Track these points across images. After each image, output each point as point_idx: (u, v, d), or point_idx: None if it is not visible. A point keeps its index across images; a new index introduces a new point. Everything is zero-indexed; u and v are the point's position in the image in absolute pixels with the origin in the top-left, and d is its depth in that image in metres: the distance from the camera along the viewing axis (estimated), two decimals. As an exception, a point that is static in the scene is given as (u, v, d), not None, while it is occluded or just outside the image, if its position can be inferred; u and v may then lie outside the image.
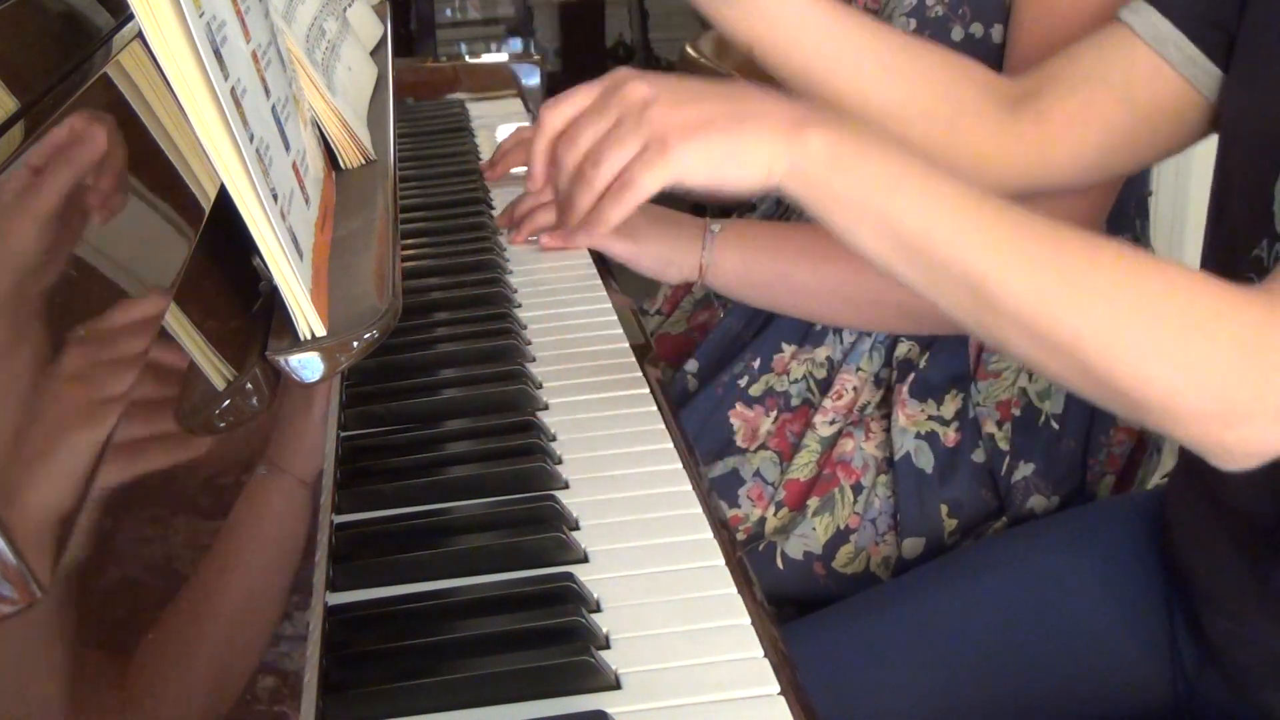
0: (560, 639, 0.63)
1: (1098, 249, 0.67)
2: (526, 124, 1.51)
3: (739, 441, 1.14)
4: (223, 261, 0.65)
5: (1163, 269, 0.67)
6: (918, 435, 1.08)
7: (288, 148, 0.70)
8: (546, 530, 0.71)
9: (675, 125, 0.70)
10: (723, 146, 0.69)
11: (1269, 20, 0.80)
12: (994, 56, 1.05)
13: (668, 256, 1.08)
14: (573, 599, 0.66)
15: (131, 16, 0.59)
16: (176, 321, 0.57)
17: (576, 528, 0.73)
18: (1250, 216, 0.78)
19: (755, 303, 1.13)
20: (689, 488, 0.77)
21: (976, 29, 1.06)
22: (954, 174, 0.70)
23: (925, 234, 0.67)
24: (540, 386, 0.88)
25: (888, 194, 0.68)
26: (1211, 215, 0.84)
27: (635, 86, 0.72)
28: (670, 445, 0.81)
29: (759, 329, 1.20)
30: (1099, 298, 0.65)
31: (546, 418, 0.84)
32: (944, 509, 1.08)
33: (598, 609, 0.66)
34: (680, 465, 0.79)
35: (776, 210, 1.27)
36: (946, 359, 1.11)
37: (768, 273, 1.08)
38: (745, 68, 1.89)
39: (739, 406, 1.15)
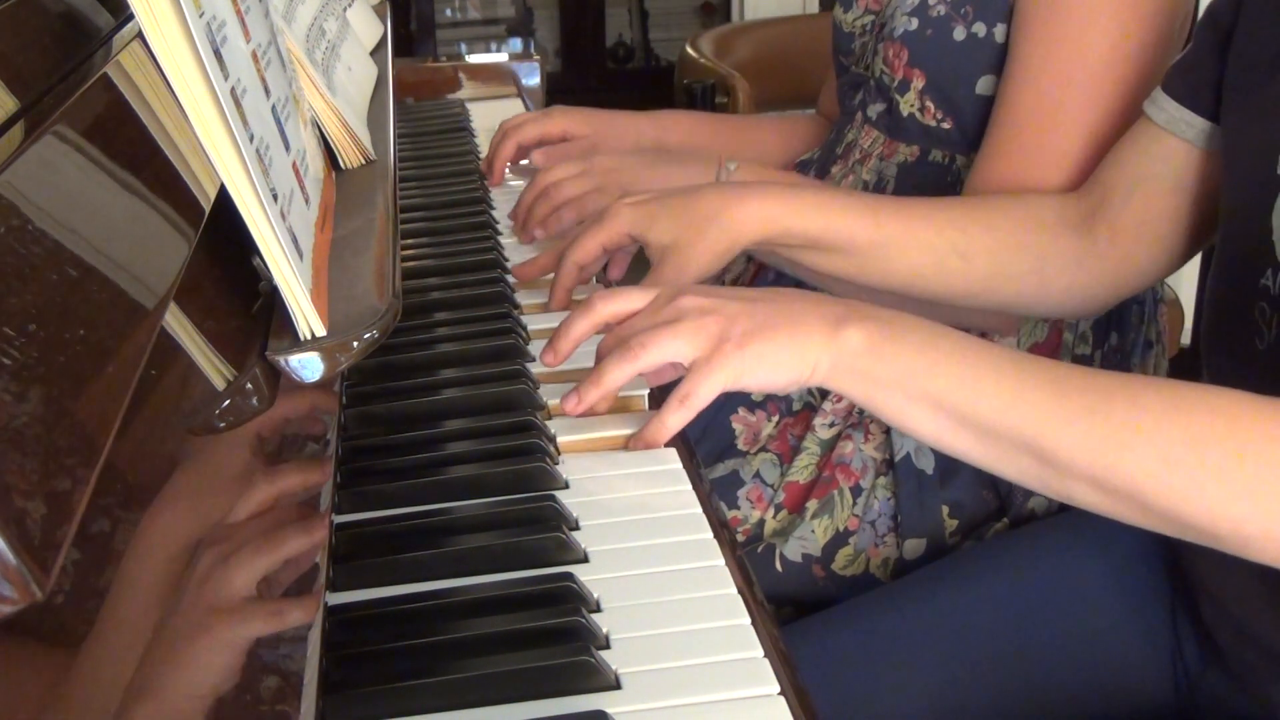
0: (560, 639, 0.63)
1: (1140, 391, 0.69)
2: (518, 110, 1.51)
3: (740, 445, 1.14)
4: (223, 261, 0.65)
5: (1207, 399, 0.68)
6: (918, 435, 1.08)
7: (288, 148, 0.70)
8: (546, 530, 0.71)
9: (733, 334, 0.74)
10: (774, 352, 0.73)
11: (1247, 60, 0.83)
12: (996, 56, 1.05)
13: None
14: (573, 599, 0.66)
15: (131, 16, 0.59)
16: (176, 321, 0.57)
17: (576, 528, 0.73)
18: (1252, 247, 0.80)
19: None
20: (689, 487, 0.77)
21: (979, 28, 1.06)
22: (986, 342, 0.74)
23: (972, 406, 0.71)
24: (540, 386, 0.88)
25: (931, 375, 0.72)
26: (1220, 241, 0.86)
27: (691, 299, 0.77)
28: (670, 445, 0.81)
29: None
30: (1146, 440, 0.67)
31: (546, 417, 0.84)
32: (945, 510, 1.08)
33: (598, 609, 0.66)
34: (680, 465, 0.79)
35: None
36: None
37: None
38: (745, 68, 1.89)
39: (741, 411, 1.15)
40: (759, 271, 1.25)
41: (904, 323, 0.74)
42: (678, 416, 0.76)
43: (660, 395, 0.85)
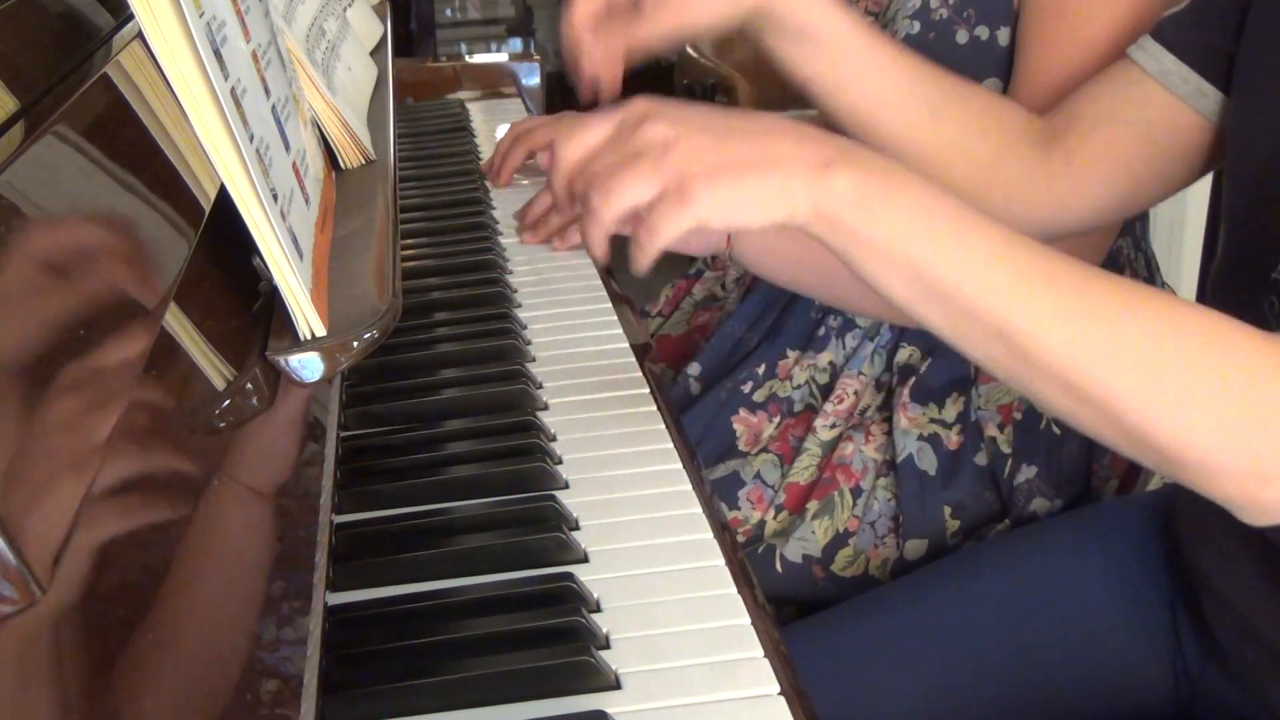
0: (560, 639, 0.63)
1: (1136, 302, 0.65)
2: (523, 116, 1.51)
3: (741, 445, 1.14)
4: (223, 261, 0.65)
5: (1201, 323, 0.65)
6: (920, 437, 1.08)
7: (288, 148, 0.70)
8: (546, 530, 0.71)
9: (696, 170, 0.67)
10: (746, 191, 0.67)
11: (1267, 39, 0.81)
12: (1000, 59, 1.05)
13: None
14: (573, 599, 0.66)
15: (131, 16, 0.59)
16: (176, 321, 0.57)
17: (576, 528, 0.73)
18: (1263, 239, 0.78)
19: (778, 279, 1.11)
20: (689, 488, 0.77)
21: (982, 31, 1.06)
22: (987, 216, 0.67)
23: (955, 283, 0.65)
24: (540, 386, 0.88)
25: (917, 240, 0.66)
26: (1225, 234, 0.84)
27: (655, 125, 0.70)
28: (670, 445, 0.81)
29: (763, 334, 1.20)
30: (1136, 354, 0.64)
31: (546, 418, 0.84)
32: (947, 510, 1.08)
33: (598, 609, 0.66)
34: (680, 465, 0.79)
35: None
36: (947, 363, 1.11)
37: (796, 248, 1.08)
38: (745, 68, 1.89)
39: (742, 412, 1.15)
40: (755, 282, 1.25)
41: (899, 177, 0.68)
42: (642, 258, 0.68)
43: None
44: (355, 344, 0.66)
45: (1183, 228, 2.24)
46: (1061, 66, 0.99)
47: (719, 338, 1.22)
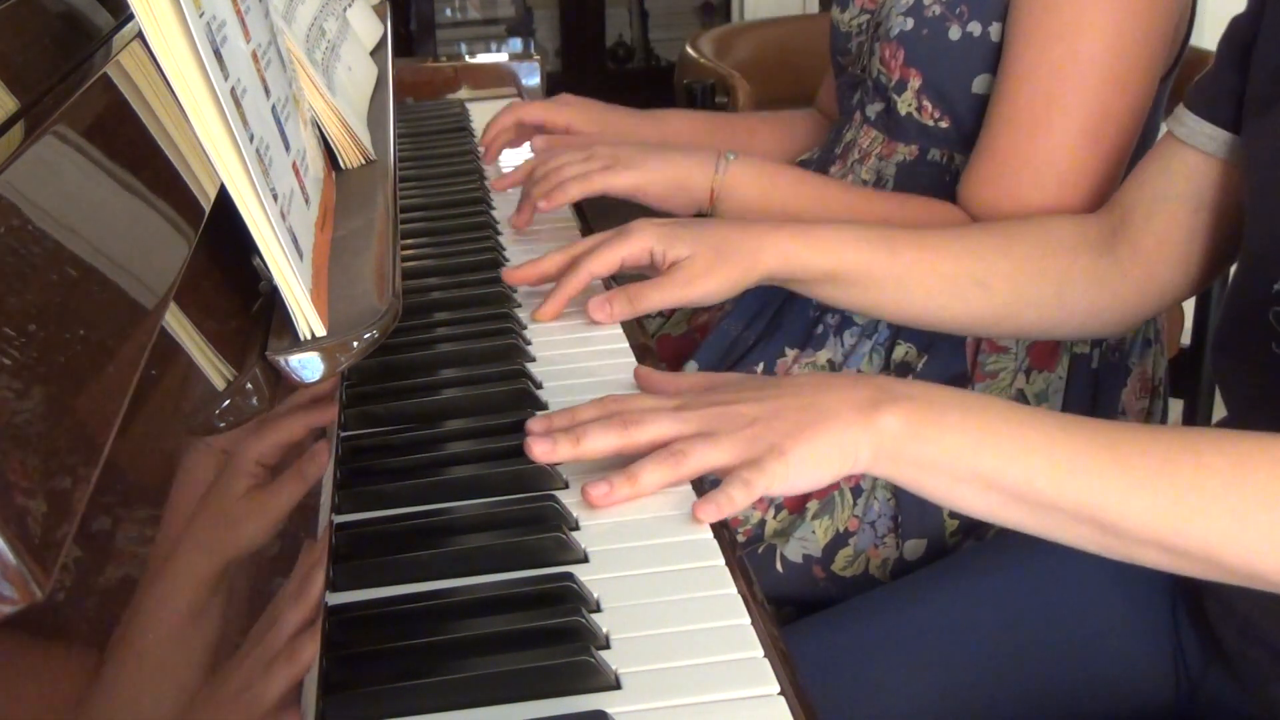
0: (560, 639, 0.63)
1: (1201, 449, 0.67)
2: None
3: (739, 443, 1.14)
4: (223, 261, 0.65)
5: (1270, 452, 0.66)
6: (918, 436, 1.08)
7: (288, 148, 0.70)
8: (546, 530, 0.71)
9: (777, 441, 0.71)
10: (815, 453, 0.70)
11: (1268, 70, 0.82)
12: (992, 55, 1.05)
13: (677, 180, 1.08)
14: (573, 599, 0.66)
15: (131, 16, 0.59)
16: (176, 321, 0.57)
17: (576, 528, 0.73)
18: (1268, 252, 0.80)
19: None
20: (689, 488, 0.77)
21: (974, 27, 1.06)
22: (1036, 409, 0.71)
23: (1027, 483, 0.68)
24: (540, 386, 0.88)
25: (977, 453, 0.69)
26: (1243, 248, 0.86)
27: (724, 406, 0.74)
28: (670, 445, 0.81)
29: (761, 332, 1.20)
30: (1216, 502, 0.65)
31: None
32: (946, 510, 1.07)
33: (598, 609, 0.66)
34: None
35: None
36: (944, 361, 1.11)
37: (785, 206, 1.08)
38: (745, 68, 1.89)
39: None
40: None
41: (941, 398, 0.71)
42: (742, 494, 0.71)
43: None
44: (355, 344, 0.66)
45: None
46: (1039, 106, 1.01)
47: (716, 336, 1.22)
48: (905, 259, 0.95)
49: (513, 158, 1.36)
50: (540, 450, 0.74)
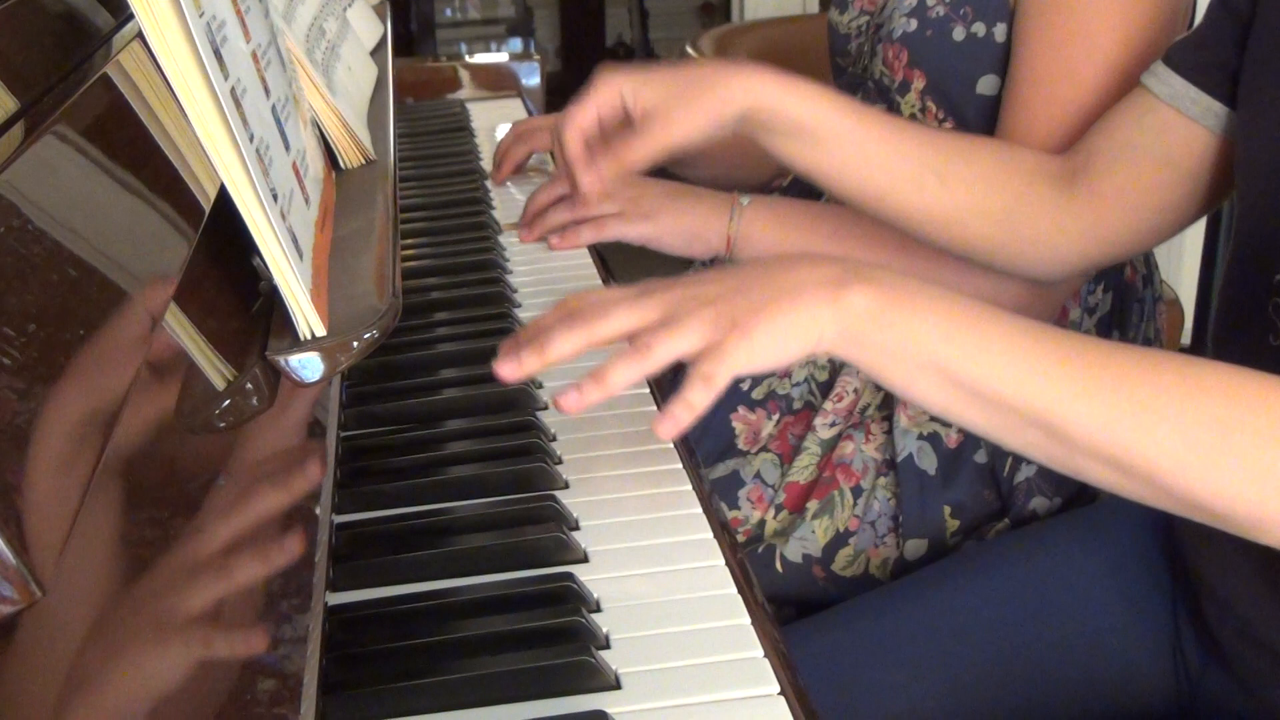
0: (560, 639, 0.63)
1: (1159, 369, 0.67)
2: (523, 116, 1.51)
3: (740, 444, 1.14)
4: (223, 261, 0.65)
5: (1225, 381, 0.66)
6: (920, 436, 1.08)
7: (288, 148, 0.70)
8: (546, 530, 0.71)
9: (740, 317, 0.69)
10: (779, 329, 0.69)
11: (1269, 51, 0.82)
12: (997, 56, 1.05)
13: (693, 230, 1.08)
14: (573, 599, 0.66)
15: (131, 16, 0.59)
16: (176, 321, 0.57)
17: (576, 528, 0.73)
18: (1267, 242, 0.79)
19: None
20: (689, 488, 0.77)
21: (979, 28, 1.06)
22: (1001, 310, 0.70)
23: (984, 379, 0.68)
24: (540, 387, 0.88)
25: (939, 343, 0.68)
26: (1234, 238, 0.85)
27: (685, 292, 0.72)
28: (670, 445, 0.81)
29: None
30: (1167, 421, 0.65)
31: (546, 418, 0.84)
32: (946, 510, 1.07)
33: (598, 609, 0.66)
34: (680, 465, 0.79)
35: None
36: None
37: (806, 246, 1.08)
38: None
39: (741, 410, 1.14)
40: None
41: (910, 285, 0.70)
42: (701, 394, 0.69)
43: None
44: (355, 344, 0.66)
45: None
46: (1055, 107, 1.00)
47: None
48: (874, 130, 0.94)
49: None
50: (507, 370, 0.72)
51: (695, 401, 0.69)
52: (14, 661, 0.37)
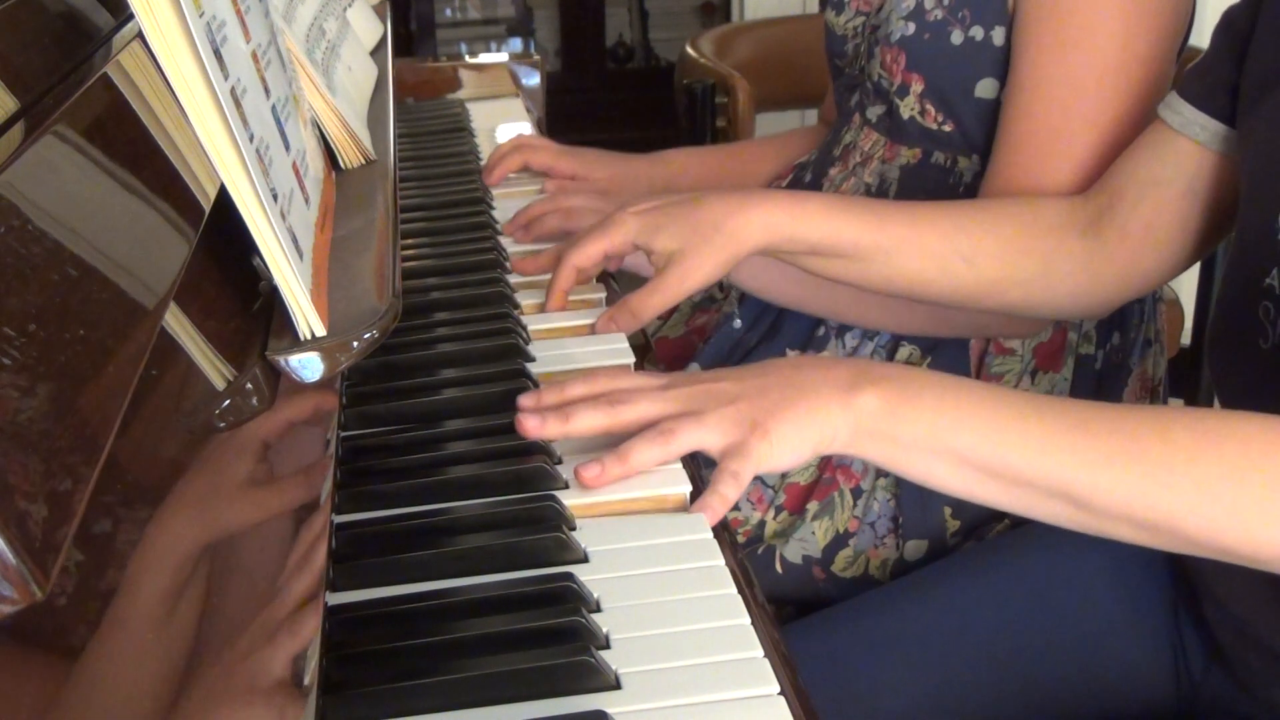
0: (560, 639, 0.63)
1: (1169, 426, 0.69)
2: (526, 128, 1.51)
3: (740, 443, 1.14)
4: (223, 261, 0.65)
5: (1234, 429, 0.68)
6: (918, 436, 1.08)
7: (288, 148, 0.70)
8: (546, 530, 0.71)
9: (762, 412, 0.73)
10: (796, 430, 0.72)
11: (1264, 63, 0.83)
12: (995, 59, 1.05)
13: None
14: (573, 599, 0.66)
15: (131, 16, 0.59)
16: (176, 321, 0.57)
17: (576, 528, 0.73)
18: (1258, 246, 0.80)
19: (784, 300, 1.13)
20: (689, 488, 0.77)
21: (976, 32, 1.06)
22: (1008, 389, 0.74)
23: (1000, 460, 0.70)
24: (540, 386, 0.88)
25: (952, 431, 0.71)
26: (1234, 244, 0.86)
27: (707, 387, 0.76)
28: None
29: (763, 334, 1.20)
30: (1183, 476, 0.67)
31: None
32: (947, 511, 1.07)
33: (598, 609, 0.66)
34: (680, 465, 0.79)
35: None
36: (948, 362, 1.11)
37: (802, 272, 1.08)
38: (745, 67, 1.89)
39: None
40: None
41: (918, 379, 0.74)
42: (732, 489, 0.73)
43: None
44: (355, 344, 0.66)
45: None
46: (1055, 114, 1.00)
47: (718, 338, 1.22)
48: (893, 233, 0.95)
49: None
50: (531, 425, 0.76)
51: (728, 495, 0.73)
52: (14, 661, 0.37)
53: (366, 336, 0.66)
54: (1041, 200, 0.99)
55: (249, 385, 0.61)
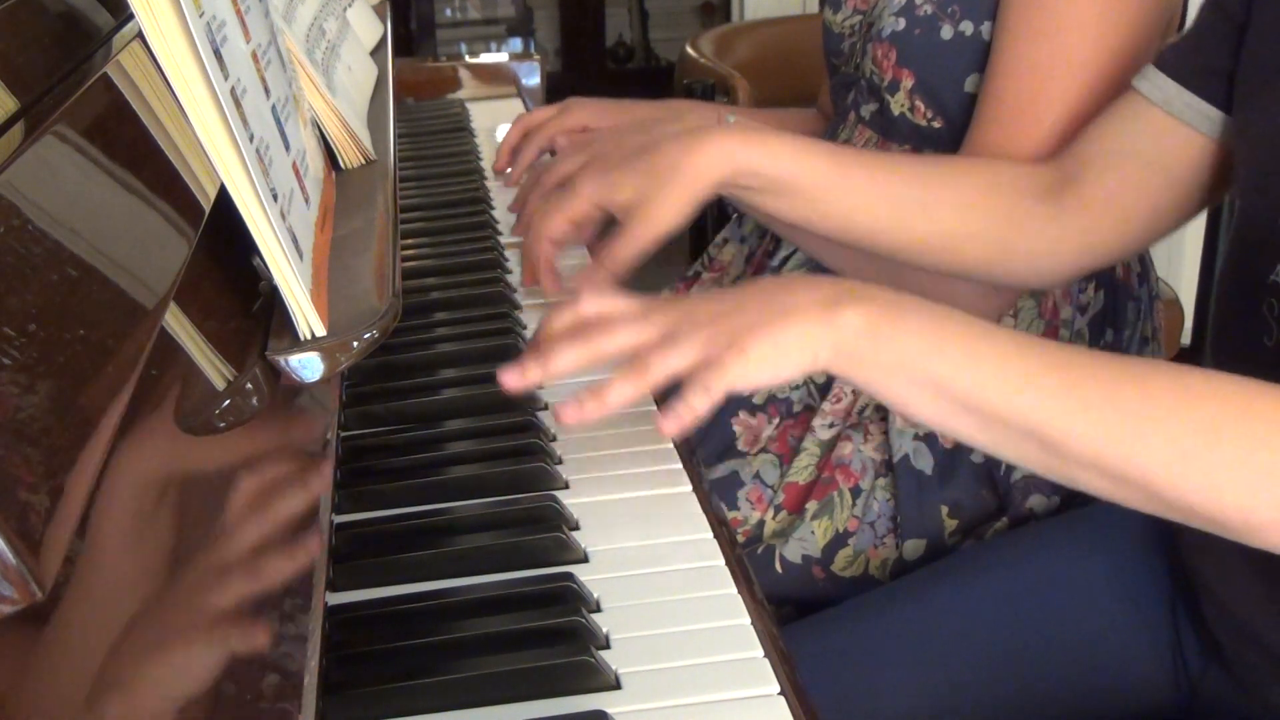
0: (560, 639, 0.63)
1: (1150, 378, 0.68)
2: (518, 110, 1.51)
3: (740, 445, 1.14)
4: (223, 261, 0.65)
5: (1214, 387, 0.67)
6: (916, 436, 1.08)
7: (288, 148, 0.70)
8: (546, 530, 0.71)
9: (736, 336, 0.71)
10: (774, 348, 0.70)
11: (1265, 54, 0.82)
12: (984, 54, 1.05)
13: None
14: (573, 599, 0.66)
15: (131, 16, 0.59)
16: (176, 321, 0.57)
17: (576, 528, 0.73)
18: (1261, 242, 0.79)
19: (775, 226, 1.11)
20: (689, 488, 0.77)
21: (966, 27, 1.06)
22: (993, 325, 0.71)
23: (978, 392, 0.69)
24: (541, 387, 0.88)
25: (933, 358, 0.69)
26: (1230, 241, 0.86)
27: (685, 312, 0.73)
28: (670, 445, 0.81)
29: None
30: (1158, 430, 0.66)
31: (546, 418, 0.84)
32: (944, 510, 1.07)
33: (598, 609, 0.66)
34: (680, 465, 0.79)
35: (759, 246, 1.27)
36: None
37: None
38: (745, 68, 1.89)
39: (742, 414, 1.15)
40: (757, 273, 1.25)
41: (903, 303, 0.72)
42: (700, 400, 0.71)
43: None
44: (355, 344, 0.66)
45: (1182, 228, 2.24)
46: (1025, 102, 1.00)
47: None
48: (852, 173, 0.94)
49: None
50: (510, 379, 0.74)
51: (695, 405, 0.70)
52: (14, 661, 0.37)
53: (366, 336, 0.66)
54: (1004, 162, 0.98)
55: (249, 385, 0.61)
